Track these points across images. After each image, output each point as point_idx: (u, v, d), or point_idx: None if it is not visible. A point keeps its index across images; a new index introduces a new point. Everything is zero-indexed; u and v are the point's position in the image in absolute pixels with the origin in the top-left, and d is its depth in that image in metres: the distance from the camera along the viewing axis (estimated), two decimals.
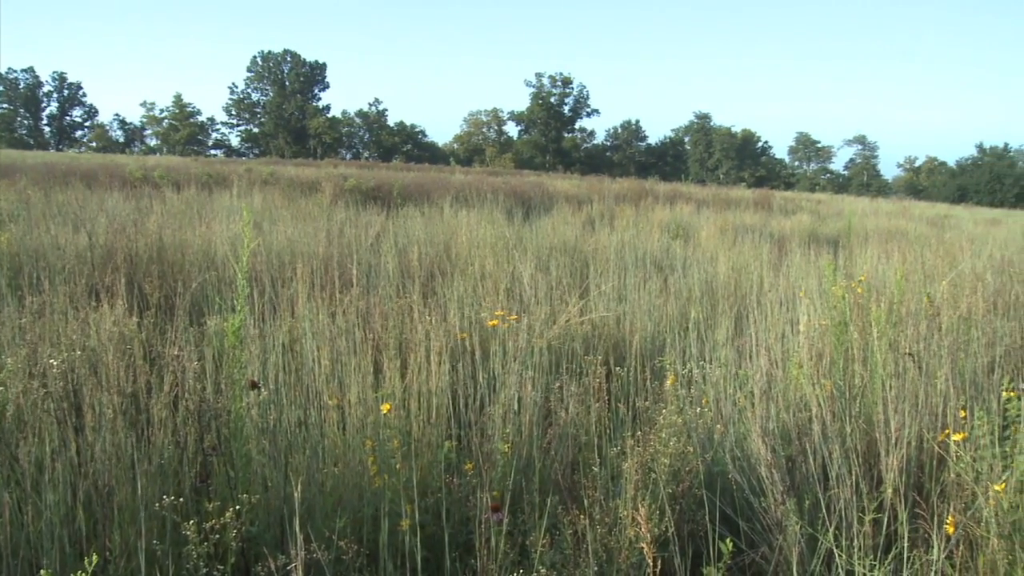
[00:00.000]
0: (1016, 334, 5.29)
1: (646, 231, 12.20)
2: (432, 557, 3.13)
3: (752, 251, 9.97)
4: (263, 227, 9.41)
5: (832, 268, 4.99)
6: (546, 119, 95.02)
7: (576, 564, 2.91)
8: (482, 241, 8.94)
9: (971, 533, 2.88)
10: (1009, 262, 8.64)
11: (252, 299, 5.04)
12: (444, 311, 5.35)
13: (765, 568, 3.22)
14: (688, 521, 3.37)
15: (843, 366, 4.27)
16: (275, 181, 18.81)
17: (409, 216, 11.83)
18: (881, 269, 8.04)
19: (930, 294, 5.62)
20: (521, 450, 3.64)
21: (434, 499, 3.23)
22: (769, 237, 12.85)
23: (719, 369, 4.40)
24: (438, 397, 3.71)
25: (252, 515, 3.02)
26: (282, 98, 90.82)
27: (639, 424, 3.92)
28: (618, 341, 5.71)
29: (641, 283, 6.91)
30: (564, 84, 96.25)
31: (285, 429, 3.56)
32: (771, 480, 3.27)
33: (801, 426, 3.75)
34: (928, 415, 3.72)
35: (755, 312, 5.17)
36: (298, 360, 4.18)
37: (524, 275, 6.46)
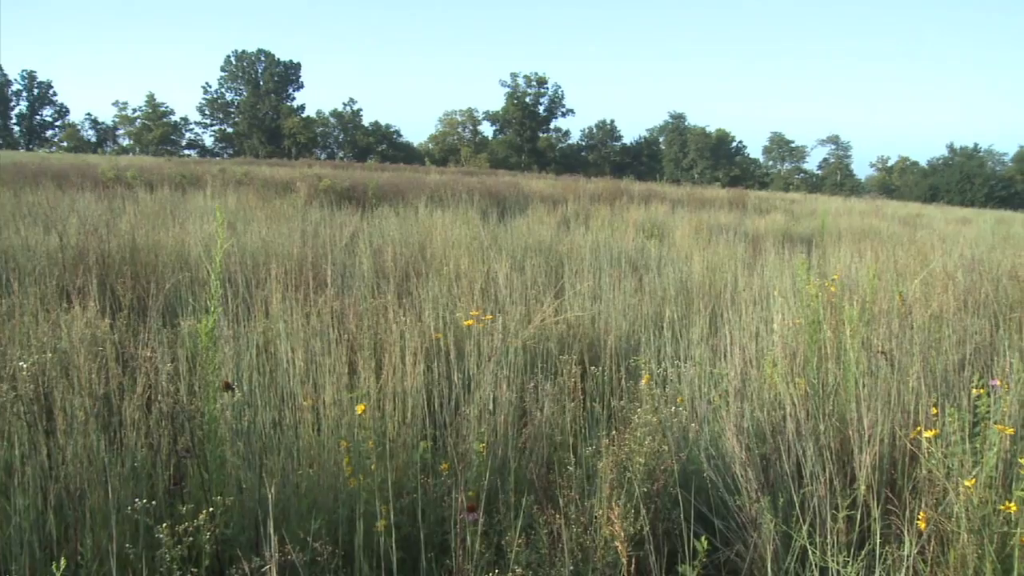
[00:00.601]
0: (986, 332, 5.34)
1: (621, 231, 12.23)
2: (408, 558, 3.12)
3: (727, 250, 10.01)
4: (237, 227, 9.35)
5: (806, 267, 5.02)
6: (521, 119, 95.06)
7: (552, 563, 2.91)
8: (457, 241, 8.93)
9: (942, 528, 2.91)
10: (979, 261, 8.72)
11: (226, 300, 5.01)
12: (419, 311, 5.34)
13: (740, 566, 3.24)
14: (663, 520, 3.37)
15: (817, 364, 4.29)
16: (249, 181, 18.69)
17: (384, 216, 11.79)
18: (854, 268, 8.09)
19: (902, 293, 5.67)
20: (496, 450, 3.64)
21: (409, 500, 3.22)
22: (743, 236, 12.89)
23: (694, 368, 4.42)
24: (413, 397, 3.71)
25: (226, 517, 3.00)
26: (256, 98, 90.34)
27: (614, 423, 3.93)
28: (593, 341, 5.71)
29: (616, 283, 6.93)
30: (539, 84, 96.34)
31: (259, 430, 3.54)
32: (746, 478, 3.29)
33: (775, 424, 3.77)
34: (900, 412, 3.75)
35: (729, 311, 5.19)
36: (272, 361, 4.16)
37: (499, 275, 6.46)
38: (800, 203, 30.04)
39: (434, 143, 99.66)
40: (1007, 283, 7.02)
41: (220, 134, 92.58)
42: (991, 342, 5.15)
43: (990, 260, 8.91)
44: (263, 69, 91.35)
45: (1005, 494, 2.86)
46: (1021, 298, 6.64)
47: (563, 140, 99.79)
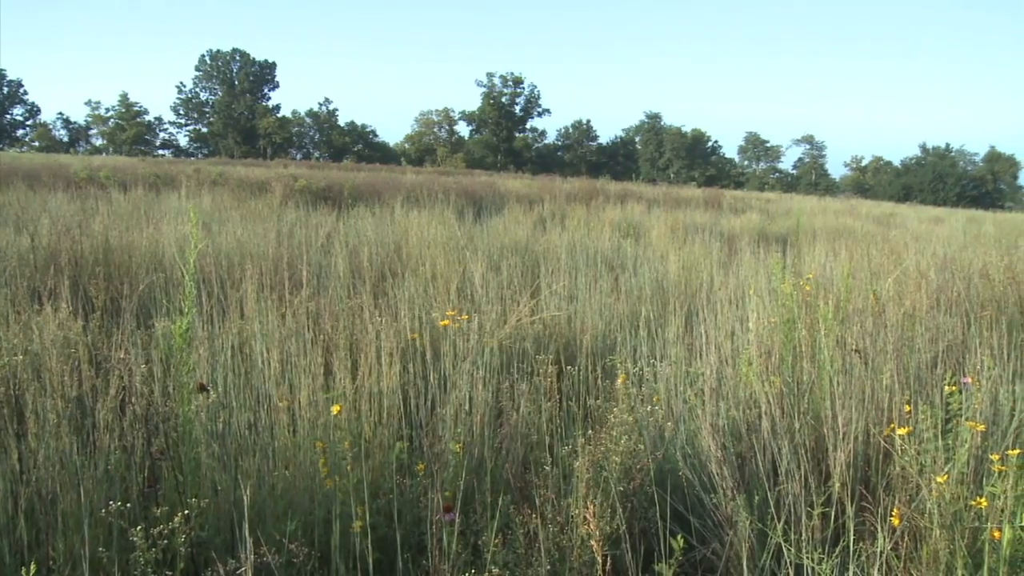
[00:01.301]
0: (958, 330, 5.39)
1: (597, 230, 12.25)
2: (384, 558, 3.11)
3: (702, 250, 10.05)
4: (212, 228, 9.30)
5: (781, 266, 5.05)
6: (497, 119, 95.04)
7: (529, 563, 2.91)
8: (433, 241, 8.92)
9: (915, 524, 2.93)
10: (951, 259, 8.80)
11: (200, 301, 4.98)
12: (395, 311, 5.33)
13: (716, 564, 3.25)
14: (640, 518, 3.38)
15: (792, 363, 4.32)
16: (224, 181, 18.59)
17: (360, 216, 11.76)
18: (829, 267, 8.14)
19: (876, 291, 5.71)
20: (473, 450, 3.63)
21: (386, 500, 3.22)
22: (719, 236, 12.95)
23: (670, 367, 4.44)
24: (389, 398, 3.70)
25: (201, 520, 2.99)
26: (231, 97, 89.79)
27: (591, 423, 3.94)
28: (569, 340, 5.72)
29: (592, 282, 6.94)
30: (515, 84, 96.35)
31: (235, 432, 3.52)
32: (721, 476, 3.30)
33: (751, 423, 3.79)
34: (874, 410, 3.77)
35: (705, 310, 5.21)
36: (248, 362, 4.14)
37: (475, 275, 6.45)
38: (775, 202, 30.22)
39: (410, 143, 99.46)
40: (978, 282, 7.09)
41: (195, 134, 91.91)
42: (963, 340, 5.20)
43: (962, 259, 8.99)
44: (238, 69, 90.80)
45: (976, 490, 2.89)
46: (992, 296, 6.70)
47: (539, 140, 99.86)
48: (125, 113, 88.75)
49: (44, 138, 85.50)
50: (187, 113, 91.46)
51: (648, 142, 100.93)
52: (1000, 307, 6.44)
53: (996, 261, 7.86)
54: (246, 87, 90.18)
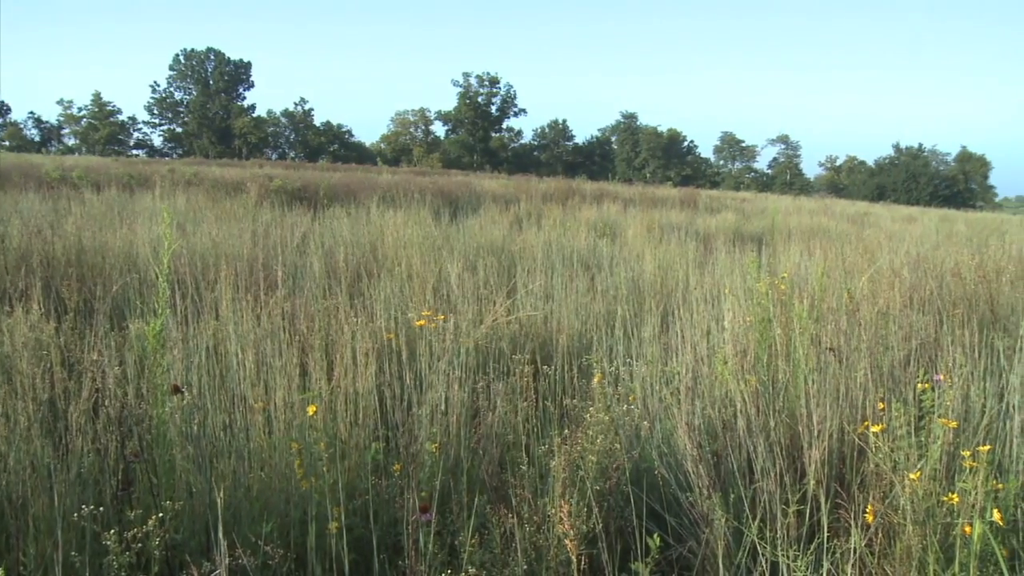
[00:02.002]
0: (930, 328, 5.44)
1: (573, 230, 12.26)
2: (361, 559, 3.11)
3: (678, 249, 10.08)
4: (187, 228, 9.24)
5: (756, 265, 5.08)
6: (473, 119, 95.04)
7: (505, 563, 2.91)
8: (409, 241, 8.90)
9: (889, 521, 2.95)
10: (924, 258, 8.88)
11: (175, 302, 4.94)
12: (371, 312, 5.31)
13: (692, 562, 3.26)
14: (616, 517, 3.39)
15: (767, 362, 4.34)
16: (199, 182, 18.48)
17: (336, 217, 11.72)
18: (803, 266, 8.19)
19: (850, 290, 5.75)
20: (449, 450, 3.63)
21: (362, 501, 3.21)
22: (695, 235, 13.00)
23: (646, 366, 4.45)
24: (365, 398, 3.69)
25: (176, 522, 2.97)
26: (206, 97, 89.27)
27: (567, 422, 3.94)
28: (545, 340, 5.73)
29: (568, 282, 6.95)
30: (491, 84, 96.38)
31: (210, 433, 3.51)
32: (697, 475, 3.31)
33: (726, 421, 3.81)
34: (848, 408, 3.80)
35: (681, 309, 5.23)
36: (223, 363, 4.12)
37: (451, 275, 6.45)
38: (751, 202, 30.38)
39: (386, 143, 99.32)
40: (950, 280, 7.15)
41: (169, 134, 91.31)
42: (935, 338, 5.24)
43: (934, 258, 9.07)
44: (213, 68, 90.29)
45: (948, 486, 2.92)
46: (963, 295, 6.76)
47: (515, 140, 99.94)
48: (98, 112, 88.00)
49: (15, 138, 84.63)
50: (161, 113, 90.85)
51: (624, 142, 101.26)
52: (971, 305, 6.50)
53: (967, 260, 7.93)
54: (221, 87, 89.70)
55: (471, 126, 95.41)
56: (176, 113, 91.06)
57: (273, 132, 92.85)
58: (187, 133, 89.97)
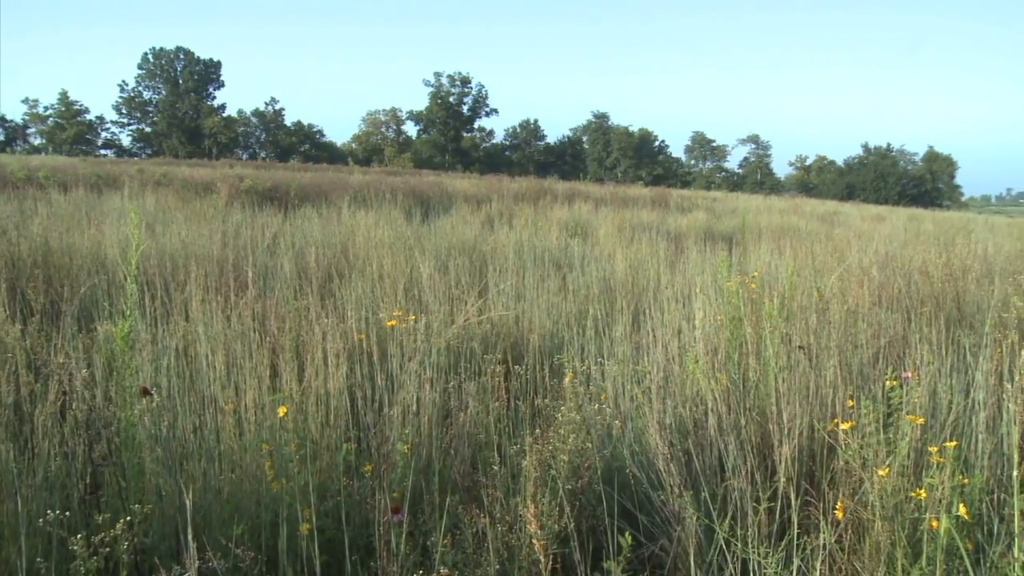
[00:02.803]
0: (899, 325, 5.49)
1: (545, 230, 12.29)
2: (333, 561, 3.09)
3: (649, 248, 10.12)
4: (156, 229, 9.17)
5: (727, 264, 5.11)
6: (445, 118, 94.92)
7: (478, 563, 2.91)
8: (380, 242, 8.88)
9: (858, 517, 2.98)
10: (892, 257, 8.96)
11: (143, 303, 4.90)
12: (342, 312, 5.29)
13: (664, 560, 3.27)
14: (588, 516, 3.40)
15: (738, 360, 4.36)
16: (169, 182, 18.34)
17: (307, 217, 11.68)
18: (774, 265, 8.25)
19: (820, 288, 5.79)
20: (421, 451, 3.62)
21: (334, 502, 3.19)
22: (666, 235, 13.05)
23: (617, 365, 4.46)
24: (336, 399, 3.67)
25: (146, 526, 2.94)
26: (175, 96, 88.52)
27: (539, 422, 3.94)
28: (517, 340, 5.73)
29: (540, 281, 6.96)
30: (463, 83, 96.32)
31: (180, 436, 3.48)
32: (669, 473, 3.33)
33: (698, 420, 3.82)
34: (819, 406, 3.82)
35: (652, 309, 5.25)
36: (192, 365, 4.08)
37: (423, 275, 6.44)
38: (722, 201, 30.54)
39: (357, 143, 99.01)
40: (918, 278, 7.22)
41: (138, 134, 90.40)
42: (904, 335, 5.29)
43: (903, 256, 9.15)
44: (182, 67, 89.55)
45: (916, 481, 2.95)
46: (931, 293, 6.83)
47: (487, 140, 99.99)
48: (65, 112, 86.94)
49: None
50: (130, 112, 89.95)
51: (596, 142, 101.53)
52: (939, 303, 6.57)
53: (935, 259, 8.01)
54: (191, 86, 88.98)
55: (443, 126, 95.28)
56: (145, 113, 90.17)
57: (244, 132, 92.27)
58: (156, 133, 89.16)
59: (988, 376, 3.65)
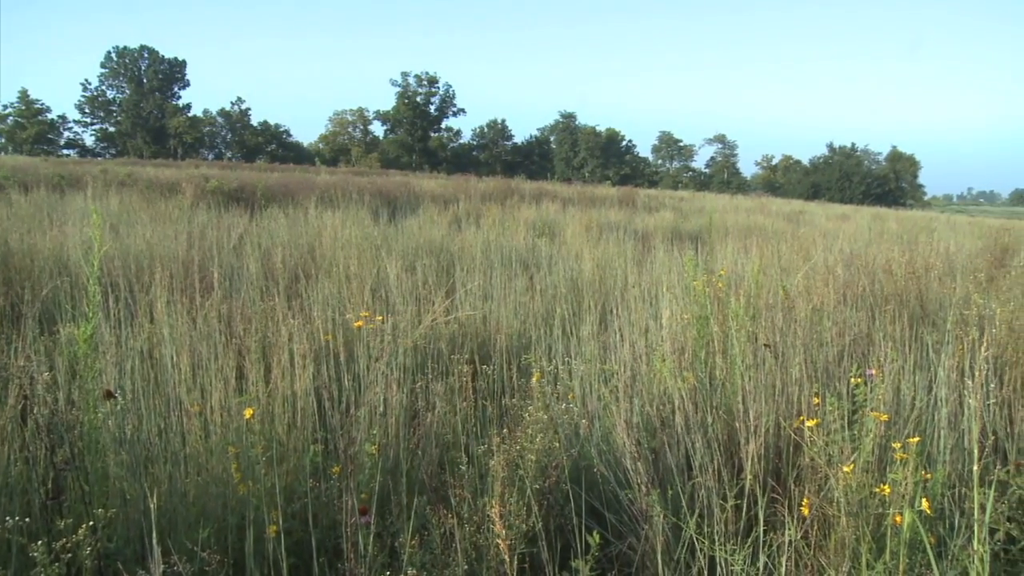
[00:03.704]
0: (863, 323, 5.54)
1: (512, 229, 12.29)
2: (300, 563, 3.08)
3: (616, 248, 10.15)
4: (120, 230, 9.08)
5: (694, 264, 5.13)
6: (412, 118, 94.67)
7: (446, 564, 2.90)
8: (347, 242, 8.85)
9: (824, 513, 3.01)
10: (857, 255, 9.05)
11: (107, 305, 4.85)
12: (308, 313, 5.27)
13: (632, 558, 3.29)
14: (556, 516, 3.40)
15: (704, 359, 4.39)
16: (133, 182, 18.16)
17: (273, 217, 11.60)
18: (740, 264, 8.30)
19: (786, 287, 5.84)
20: (388, 452, 3.61)
21: (301, 504, 3.18)
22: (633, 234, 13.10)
23: (584, 365, 4.47)
24: (303, 400, 3.66)
25: (109, 531, 2.91)
26: (139, 96, 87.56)
27: (506, 421, 3.95)
28: (484, 339, 5.73)
29: (507, 281, 6.96)
30: (430, 83, 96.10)
31: (144, 439, 3.44)
32: (636, 472, 3.34)
33: (665, 418, 3.84)
34: (784, 403, 3.86)
35: (620, 308, 5.27)
36: (158, 367, 4.05)
37: (390, 275, 6.42)
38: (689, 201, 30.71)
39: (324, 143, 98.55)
40: (882, 277, 7.30)
41: (102, 133, 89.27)
42: (868, 333, 5.35)
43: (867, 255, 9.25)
44: (146, 66, 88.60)
45: (880, 477, 2.98)
46: (894, 291, 6.91)
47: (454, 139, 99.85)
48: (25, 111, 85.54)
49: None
50: (93, 112, 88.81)
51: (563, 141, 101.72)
52: (902, 301, 6.65)
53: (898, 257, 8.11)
54: (155, 85, 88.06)
55: (410, 126, 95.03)
56: (108, 112, 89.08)
57: (209, 132, 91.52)
58: (120, 133, 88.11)
59: (950, 373, 3.70)
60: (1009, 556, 2.95)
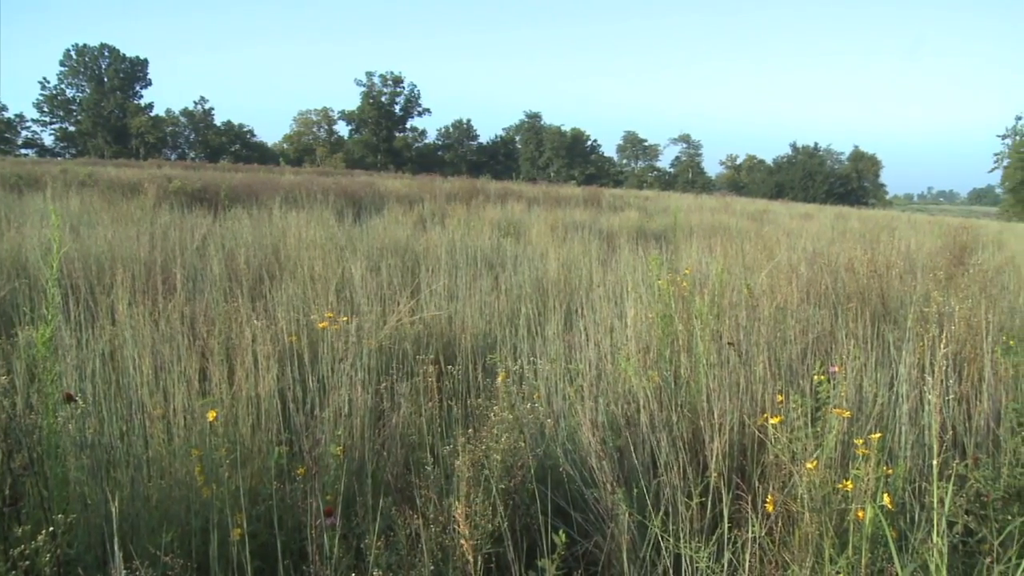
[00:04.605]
0: (826, 321, 5.60)
1: (477, 229, 12.29)
2: (265, 566, 3.06)
3: (582, 247, 10.17)
4: (80, 231, 8.96)
5: (658, 263, 5.15)
6: (377, 118, 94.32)
7: (412, 565, 2.90)
8: (312, 243, 8.80)
9: (788, 509, 3.04)
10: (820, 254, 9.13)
11: (67, 307, 4.79)
12: (273, 315, 5.23)
13: (599, 556, 3.30)
14: (522, 515, 3.40)
15: (669, 357, 4.41)
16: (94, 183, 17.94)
17: (237, 218, 11.51)
18: (704, 263, 8.34)
19: (750, 286, 5.88)
20: (353, 453, 3.60)
21: (266, 507, 3.16)
22: (598, 234, 13.15)
23: (550, 364, 4.47)
24: (267, 402, 3.63)
25: (70, 536, 2.87)
26: (100, 95, 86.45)
27: (472, 422, 3.94)
28: (449, 340, 5.72)
29: (472, 281, 6.95)
30: (395, 83, 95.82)
31: (106, 443, 3.40)
32: (601, 471, 3.35)
33: (630, 417, 3.86)
34: (749, 401, 3.89)
35: (585, 307, 5.28)
36: (119, 370, 4.00)
37: (355, 276, 6.39)
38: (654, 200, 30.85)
39: (289, 143, 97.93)
40: (844, 275, 7.37)
41: (61, 133, 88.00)
42: (831, 331, 5.40)
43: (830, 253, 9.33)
44: (107, 65, 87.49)
45: (843, 473, 3.01)
46: (857, 289, 6.98)
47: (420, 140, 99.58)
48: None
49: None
50: (52, 111, 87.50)
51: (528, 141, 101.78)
52: (864, 299, 6.72)
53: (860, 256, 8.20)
54: (116, 84, 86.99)
55: (375, 126, 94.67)
56: (68, 111, 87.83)
57: (172, 132, 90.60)
58: (81, 132, 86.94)
59: (911, 369, 3.75)
60: (967, 548, 2.99)
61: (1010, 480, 3.21)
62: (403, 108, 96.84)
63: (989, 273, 8.02)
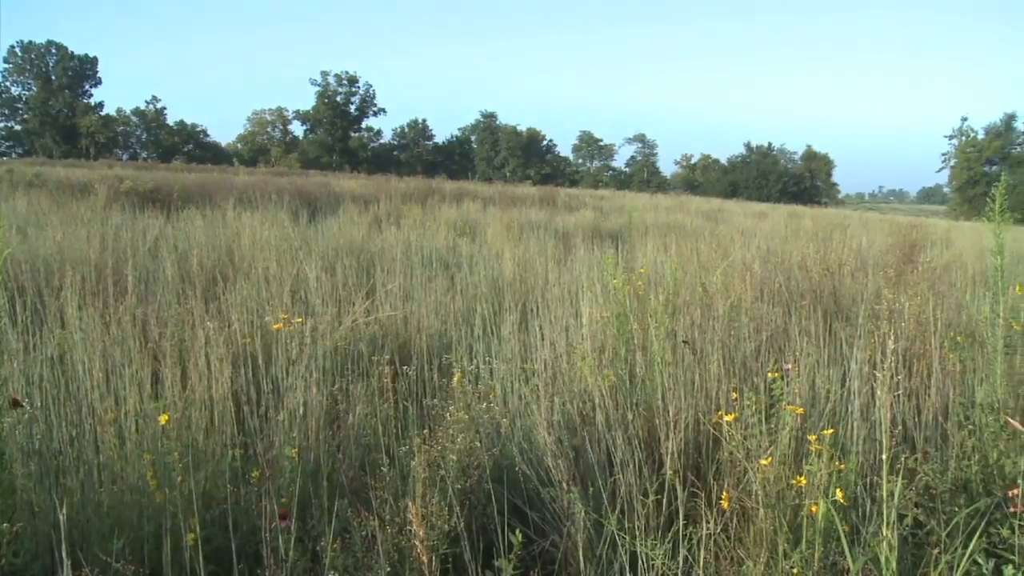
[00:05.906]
0: (779, 319, 5.65)
1: (433, 230, 12.26)
2: (220, 570, 3.03)
3: (537, 247, 10.19)
4: (28, 232, 8.81)
5: (613, 262, 5.17)
6: (332, 118, 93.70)
7: (369, 566, 2.88)
8: (266, 244, 8.74)
9: (743, 505, 3.06)
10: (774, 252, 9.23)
11: (15, 311, 4.70)
12: (227, 316, 5.18)
13: (555, 555, 3.30)
14: (479, 515, 3.40)
15: (624, 356, 4.43)
16: (42, 183, 17.65)
17: (190, 219, 11.38)
18: (660, 261, 8.40)
19: (704, 284, 5.93)
20: (308, 455, 3.58)
21: (220, 510, 3.13)
22: (554, 233, 13.17)
23: (505, 364, 4.48)
24: (220, 405, 3.59)
25: (16, 546, 2.82)
26: (48, 93, 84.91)
27: (427, 422, 3.93)
28: (405, 340, 5.70)
29: (428, 281, 6.94)
30: (350, 83, 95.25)
31: (55, 448, 3.35)
32: (557, 470, 3.36)
33: (586, 416, 3.87)
34: (703, 399, 3.92)
35: (540, 307, 5.29)
36: (69, 374, 3.93)
37: (310, 277, 6.35)
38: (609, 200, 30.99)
39: (243, 143, 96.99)
40: (798, 273, 7.46)
41: (7, 132, 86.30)
42: (784, 328, 5.45)
43: (783, 252, 9.45)
44: (55, 62, 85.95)
45: (797, 469, 3.04)
46: (810, 287, 7.07)
47: (375, 139, 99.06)
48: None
49: None
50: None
51: (484, 141, 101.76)
52: (817, 296, 6.81)
53: (813, 254, 8.30)
54: (64, 83, 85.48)
55: (330, 126, 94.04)
56: (14, 110, 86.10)
57: (123, 131, 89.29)
58: (28, 131, 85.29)
59: (862, 366, 3.80)
60: (916, 540, 3.05)
61: (957, 473, 3.27)
62: (358, 108, 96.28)
63: (938, 271, 8.17)
